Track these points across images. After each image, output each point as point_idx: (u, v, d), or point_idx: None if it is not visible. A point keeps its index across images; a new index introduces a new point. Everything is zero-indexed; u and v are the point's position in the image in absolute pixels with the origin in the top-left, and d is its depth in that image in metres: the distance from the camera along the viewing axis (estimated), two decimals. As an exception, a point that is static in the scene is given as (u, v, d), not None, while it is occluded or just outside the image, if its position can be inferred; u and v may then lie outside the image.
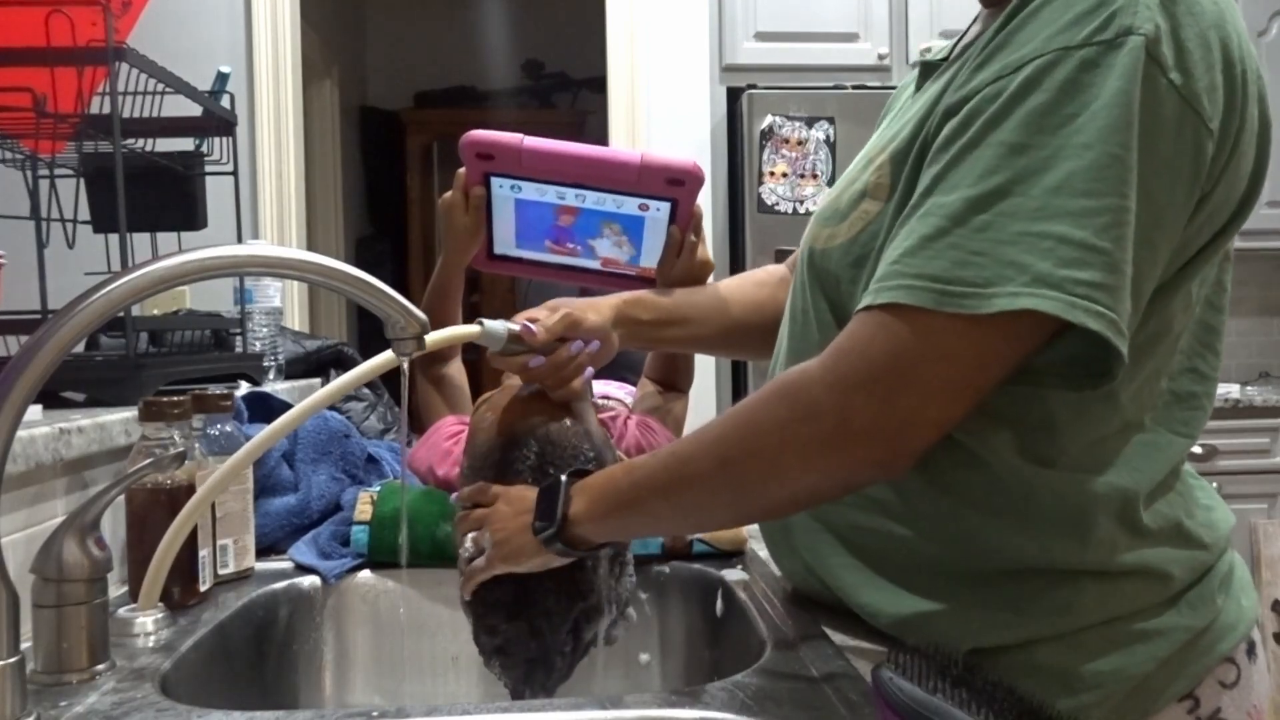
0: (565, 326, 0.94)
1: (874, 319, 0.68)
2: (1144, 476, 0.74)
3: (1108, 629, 0.74)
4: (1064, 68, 0.65)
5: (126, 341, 1.19)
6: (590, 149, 1.04)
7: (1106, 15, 0.65)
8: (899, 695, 0.61)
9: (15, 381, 0.65)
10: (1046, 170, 0.64)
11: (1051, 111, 0.65)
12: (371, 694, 1.12)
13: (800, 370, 0.71)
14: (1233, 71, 0.68)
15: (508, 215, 1.10)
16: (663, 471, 0.78)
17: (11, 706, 0.68)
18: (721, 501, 0.76)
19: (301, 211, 3.12)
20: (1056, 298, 0.63)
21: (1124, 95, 0.64)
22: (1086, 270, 0.63)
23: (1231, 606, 0.78)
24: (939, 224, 0.66)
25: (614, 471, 0.83)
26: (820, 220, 0.84)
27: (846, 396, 0.68)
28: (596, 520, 0.82)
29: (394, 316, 0.86)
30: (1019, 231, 0.64)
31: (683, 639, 1.10)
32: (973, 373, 0.67)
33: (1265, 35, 3.36)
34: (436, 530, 1.11)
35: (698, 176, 1.04)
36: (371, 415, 1.71)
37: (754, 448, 0.72)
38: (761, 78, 3.09)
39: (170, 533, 0.87)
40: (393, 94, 5.54)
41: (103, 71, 1.19)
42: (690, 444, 0.77)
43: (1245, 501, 3.05)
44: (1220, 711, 0.76)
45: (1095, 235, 0.63)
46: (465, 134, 1.06)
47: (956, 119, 0.69)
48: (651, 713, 0.70)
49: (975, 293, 0.64)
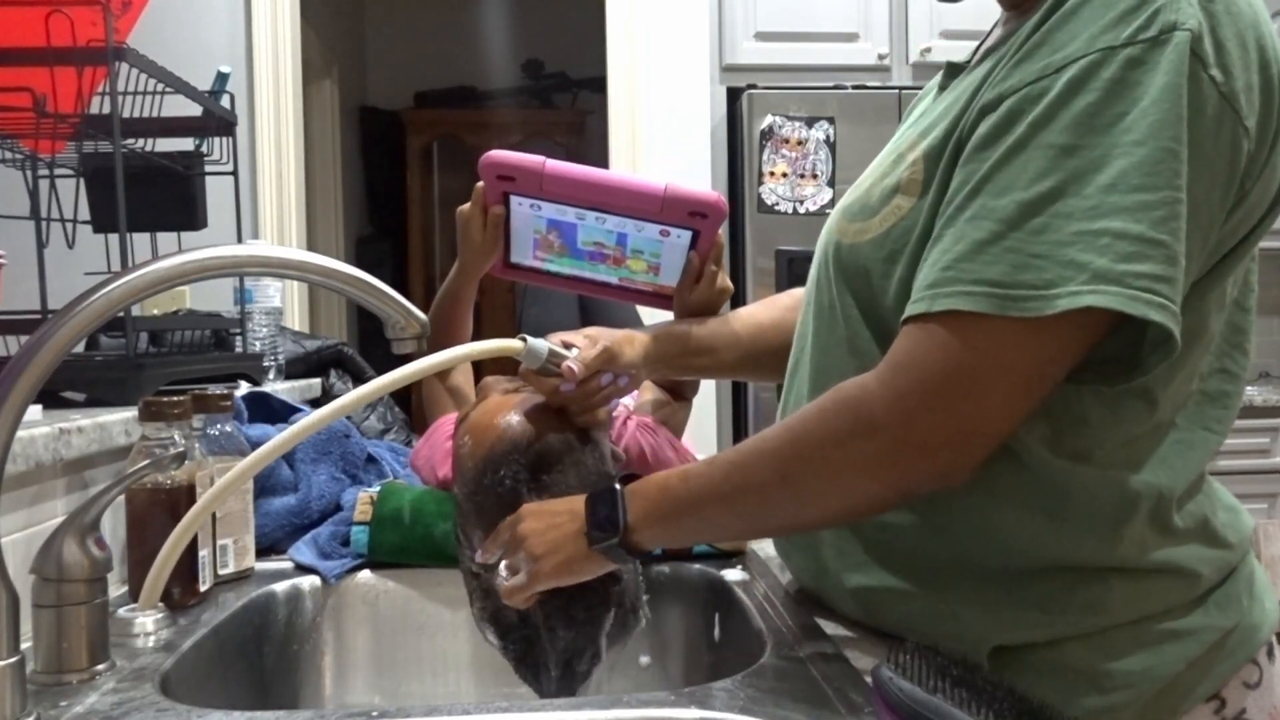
0: (603, 362, 0.95)
1: (929, 329, 0.68)
2: (1178, 475, 0.75)
3: (1137, 628, 0.74)
4: (1110, 67, 0.65)
5: (126, 341, 1.19)
6: (613, 177, 1.04)
7: (1150, 12, 0.65)
8: (899, 695, 0.61)
9: (15, 381, 0.65)
10: (1099, 169, 0.64)
11: (1100, 111, 0.65)
12: (371, 694, 1.12)
13: (858, 384, 0.71)
14: (1269, 73, 0.68)
15: (526, 231, 1.10)
16: (724, 480, 0.78)
17: (11, 706, 0.68)
18: (782, 511, 0.77)
19: (301, 211, 3.12)
20: (1118, 293, 0.63)
21: (1173, 90, 0.64)
22: (1146, 263, 0.63)
23: (1256, 608, 0.79)
24: (993, 228, 0.66)
25: (668, 478, 0.83)
26: (847, 215, 0.83)
27: (907, 410, 0.68)
28: (654, 526, 0.82)
29: (394, 316, 0.86)
30: (1076, 231, 0.64)
31: (683, 639, 1.10)
32: (1034, 377, 0.67)
33: (1265, 35, 3.36)
34: (436, 530, 1.11)
35: (721, 210, 1.03)
36: (371, 415, 1.71)
37: (814, 461, 0.72)
38: (761, 78, 3.09)
39: (172, 539, 0.87)
40: (393, 94, 5.54)
41: (103, 71, 1.19)
42: (751, 453, 0.77)
43: (1245, 501, 3.01)
44: (1245, 712, 0.76)
45: (1152, 228, 0.63)
46: (486, 154, 1.05)
47: (996, 117, 0.69)
48: (651, 713, 0.70)
49: (1037, 295, 0.64)
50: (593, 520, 0.84)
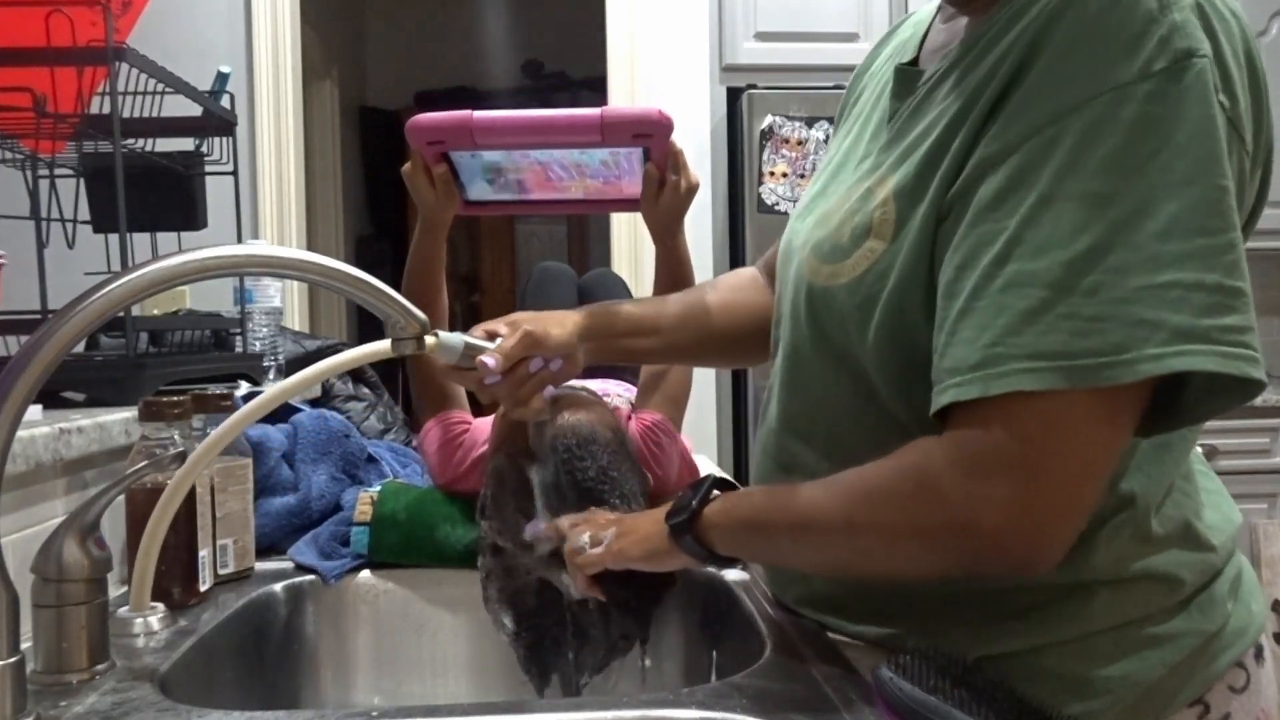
0: (526, 347, 0.89)
1: (988, 415, 0.62)
2: (1155, 481, 0.74)
3: (1118, 634, 0.73)
4: (1129, 105, 0.60)
5: (126, 341, 1.19)
6: (546, 114, 0.99)
7: (1158, 41, 0.61)
8: (899, 695, 0.61)
9: (15, 381, 0.65)
10: (1148, 215, 0.59)
11: (1130, 153, 0.60)
12: (371, 694, 1.12)
13: (924, 457, 0.66)
14: (1258, 87, 0.66)
15: (476, 171, 1.07)
16: (796, 509, 0.74)
17: (11, 706, 0.68)
18: (840, 558, 0.75)
19: (301, 211, 3.12)
20: (1209, 350, 0.58)
21: (1209, 122, 0.60)
22: (1230, 315, 0.59)
23: (1240, 611, 0.78)
24: (1039, 294, 0.61)
25: (754, 489, 0.83)
26: (818, 254, 0.79)
27: (975, 489, 0.63)
28: (726, 527, 0.80)
29: (394, 316, 0.86)
30: (1139, 287, 0.59)
31: (683, 640, 1.10)
32: (1112, 446, 0.62)
33: (1265, 35, 3.36)
34: (436, 531, 1.11)
35: (664, 124, 0.98)
36: (371, 415, 1.71)
37: (877, 528, 0.69)
38: (761, 78, 3.09)
39: (151, 522, 0.86)
40: (393, 94, 5.54)
41: (103, 71, 1.19)
42: (824, 491, 0.73)
43: (1245, 501, 3.05)
44: (1230, 717, 0.75)
45: (1226, 275, 0.60)
46: (410, 122, 1.01)
47: (1006, 171, 0.64)
48: (651, 713, 0.70)
49: (1110, 361, 0.59)
50: (677, 501, 0.83)
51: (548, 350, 0.91)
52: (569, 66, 5.54)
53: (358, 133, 5.31)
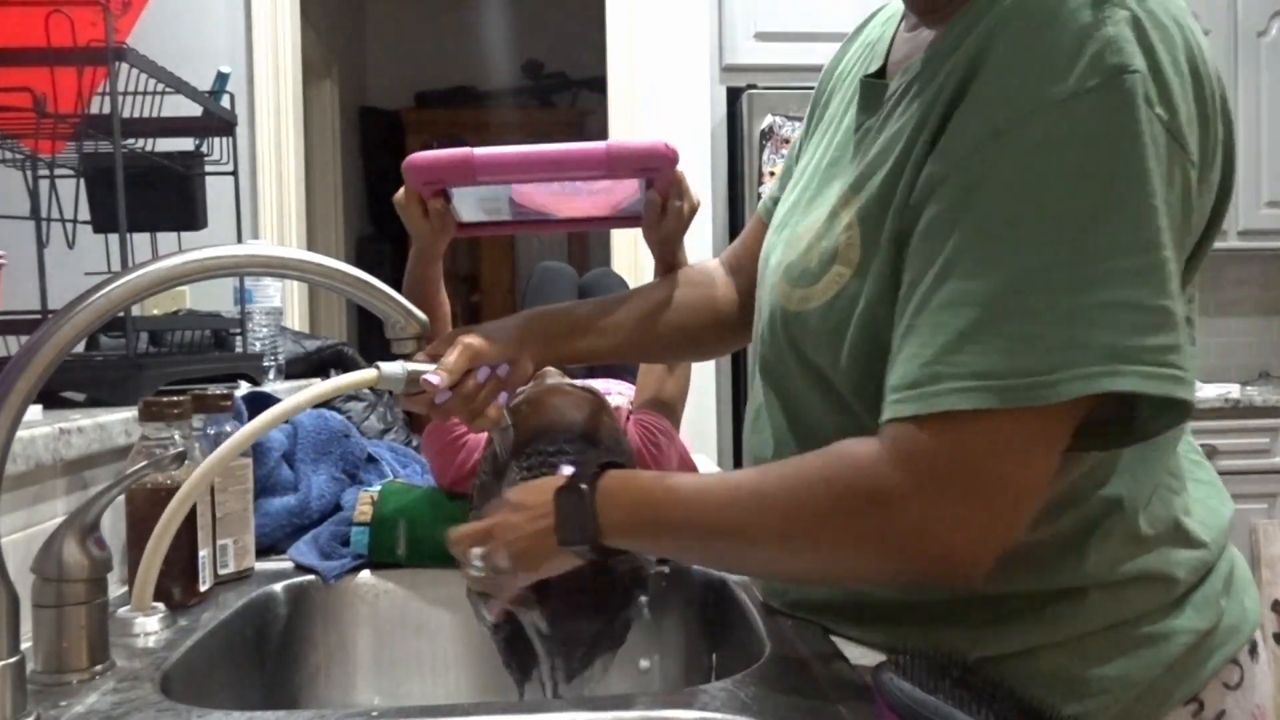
0: (468, 359, 0.88)
1: (923, 432, 0.63)
2: (1141, 482, 0.74)
3: (1113, 633, 0.73)
4: (1065, 122, 0.60)
5: (126, 341, 1.19)
6: (550, 149, 0.96)
7: (1090, 57, 0.60)
8: (899, 695, 0.61)
9: (15, 381, 0.65)
10: (1083, 236, 0.60)
11: (1061, 172, 0.61)
12: (371, 694, 1.12)
13: (870, 470, 0.66)
14: (1202, 94, 0.65)
15: (473, 202, 1.04)
16: (714, 517, 0.73)
17: (11, 706, 0.68)
18: (764, 564, 0.76)
19: (301, 211, 3.12)
20: (1138, 371, 0.59)
21: (1139, 140, 0.60)
22: (1159, 334, 0.59)
23: (1234, 608, 0.78)
24: (974, 314, 0.61)
25: (652, 489, 0.78)
26: (789, 278, 0.80)
27: (926, 508, 0.63)
28: (628, 536, 0.78)
29: (394, 316, 0.86)
30: (1070, 306, 0.59)
31: (683, 640, 1.10)
32: (1047, 462, 0.63)
33: (1265, 35, 3.36)
34: (436, 531, 1.11)
35: (670, 159, 0.96)
36: (371, 415, 1.71)
37: (818, 540, 0.69)
38: (761, 78, 3.09)
39: (159, 528, 0.86)
40: (393, 94, 5.55)
41: (103, 71, 1.19)
42: (750, 503, 0.72)
43: (1245, 501, 3.05)
44: (1225, 714, 0.75)
45: (1156, 294, 0.60)
46: (407, 161, 0.97)
47: (950, 192, 0.64)
48: (651, 713, 0.70)
49: (1041, 381, 0.59)
50: (561, 519, 0.79)
51: (490, 359, 0.90)
52: (569, 66, 5.55)
53: (358, 133, 5.31)
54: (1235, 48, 3.34)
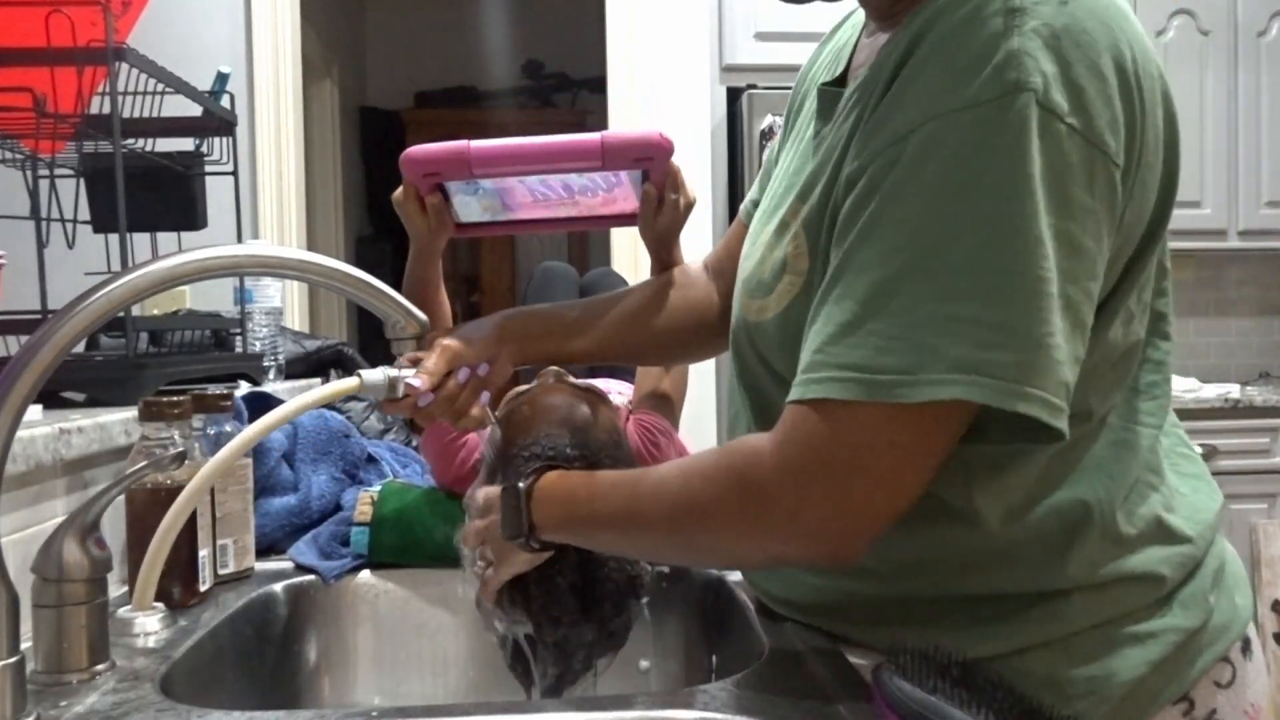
0: (448, 361, 0.90)
1: (808, 414, 0.66)
2: (1118, 482, 0.74)
3: (1099, 633, 0.73)
4: (953, 133, 0.61)
5: (126, 341, 1.20)
6: (546, 141, 0.97)
7: (990, 70, 0.61)
8: (899, 695, 0.61)
9: (15, 381, 0.65)
10: (949, 246, 0.62)
11: (946, 182, 0.62)
12: (371, 694, 1.12)
13: (753, 456, 0.69)
14: (1130, 93, 0.65)
15: (470, 198, 1.04)
16: (621, 512, 0.78)
17: (11, 706, 0.68)
18: (671, 554, 0.82)
19: (301, 211, 3.12)
20: (983, 383, 0.61)
21: (1020, 159, 0.60)
22: (1007, 352, 0.61)
23: (1224, 604, 0.77)
24: (854, 309, 0.64)
25: (577, 488, 0.82)
26: (747, 289, 0.82)
27: (797, 490, 0.66)
28: (558, 530, 0.83)
29: (394, 316, 0.87)
30: (929, 314, 0.62)
31: (682, 641, 1.10)
32: (917, 457, 0.65)
33: (1265, 35, 3.36)
34: (436, 531, 1.11)
35: (666, 149, 0.97)
36: (371, 415, 1.71)
37: (704, 524, 0.72)
38: (761, 78, 3.09)
39: (159, 534, 0.86)
40: (393, 94, 5.55)
41: (103, 71, 1.19)
42: (648, 496, 0.76)
43: (1245, 501, 3.05)
44: (1216, 713, 0.75)
45: (1007, 314, 0.61)
46: (405, 154, 0.98)
47: (856, 191, 0.67)
48: (652, 713, 0.70)
49: (901, 380, 0.62)
50: (502, 517, 0.85)
51: (470, 359, 0.91)
52: (569, 66, 5.55)
53: (358, 133, 5.30)
54: (1235, 48, 3.34)
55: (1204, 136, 3.31)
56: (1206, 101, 3.32)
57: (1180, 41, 3.31)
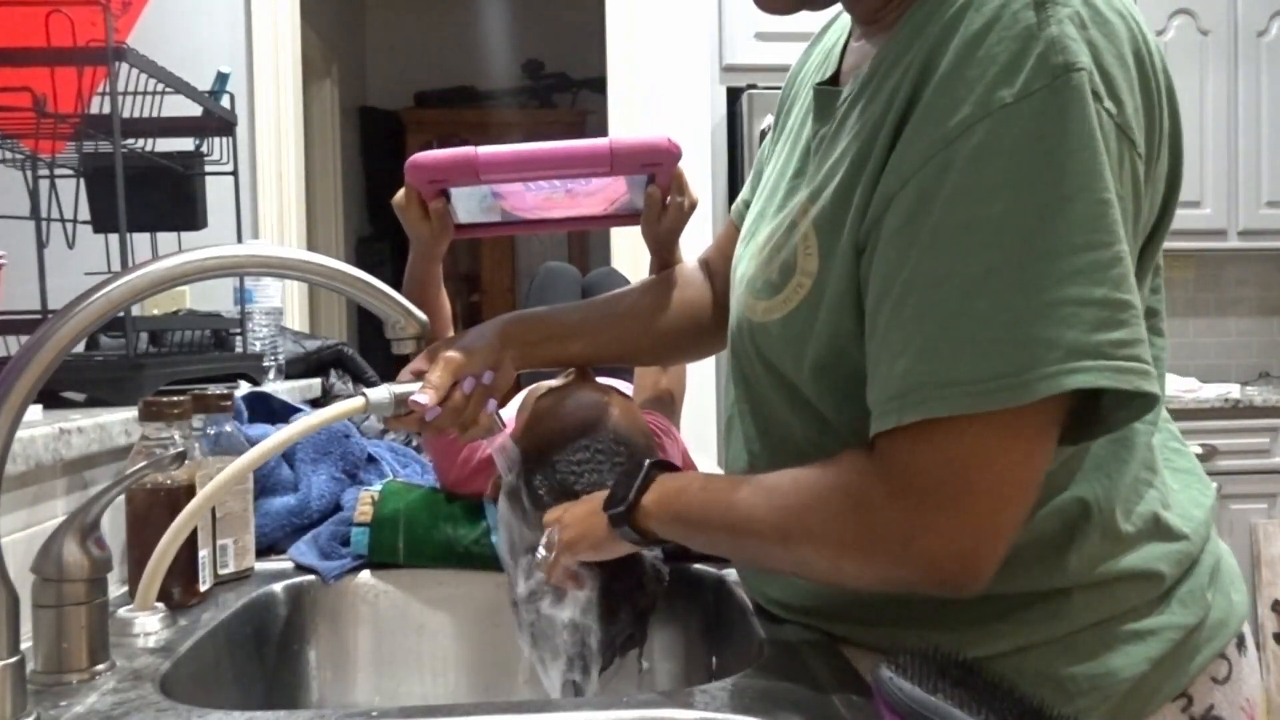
0: (452, 372, 0.89)
1: (907, 442, 0.64)
2: (1116, 481, 0.74)
3: (1099, 631, 0.73)
4: (1013, 124, 0.61)
5: (126, 341, 1.19)
6: (553, 147, 0.97)
7: (1036, 58, 0.60)
8: (899, 695, 0.61)
9: (15, 381, 0.65)
10: (1035, 235, 0.60)
11: (1014, 175, 0.61)
12: (371, 694, 1.12)
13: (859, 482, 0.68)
14: (1148, 85, 0.65)
15: (472, 199, 1.04)
16: (731, 513, 0.77)
17: (11, 706, 0.68)
18: (777, 563, 0.78)
19: (301, 211, 3.12)
20: (1103, 367, 0.59)
21: (1088, 136, 0.60)
22: (1119, 329, 0.60)
23: (1221, 602, 0.78)
24: (941, 321, 0.62)
25: (691, 482, 0.84)
26: (751, 290, 0.81)
27: (910, 517, 0.65)
28: (661, 519, 0.83)
29: (394, 316, 0.86)
30: (1032, 306, 0.60)
31: (682, 640, 1.10)
32: (1032, 460, 0.63)
33: (1265, 35, 3.36)
34: (436, 532, 1.11)
35: (674, 154, 0.96)
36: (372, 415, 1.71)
37: (817, 541, 0.71)
38: (761, 78, 3.09)
39: (165, 540, 0.87)
40: (393, 94, 5.55)
41: (103, 71, 1.19)
42: (762, 503, 0.74)
43: (1245, 501, 3.05)
44: (1214, 708, 0.75)
45: (1114, 289, 0.60)
46: (411, 160, 0.97)
47: (905, 201, 0.65)
48: (652, 713, 0.70)
49: (1011, 383, 0.60)
50: (613, 491, 0.86)
51: (473, 368, 0.90)
52: (569, 66, 5.55)
53: (358, 133, 5.31)
54: (1235, 48, 3.34)
55: (1204, 136, 3.31)
56: (1206, 101, 3.32)
57: (1180, 41, 3.31)
